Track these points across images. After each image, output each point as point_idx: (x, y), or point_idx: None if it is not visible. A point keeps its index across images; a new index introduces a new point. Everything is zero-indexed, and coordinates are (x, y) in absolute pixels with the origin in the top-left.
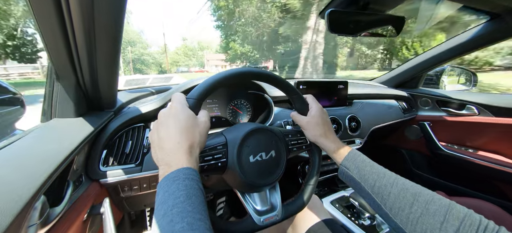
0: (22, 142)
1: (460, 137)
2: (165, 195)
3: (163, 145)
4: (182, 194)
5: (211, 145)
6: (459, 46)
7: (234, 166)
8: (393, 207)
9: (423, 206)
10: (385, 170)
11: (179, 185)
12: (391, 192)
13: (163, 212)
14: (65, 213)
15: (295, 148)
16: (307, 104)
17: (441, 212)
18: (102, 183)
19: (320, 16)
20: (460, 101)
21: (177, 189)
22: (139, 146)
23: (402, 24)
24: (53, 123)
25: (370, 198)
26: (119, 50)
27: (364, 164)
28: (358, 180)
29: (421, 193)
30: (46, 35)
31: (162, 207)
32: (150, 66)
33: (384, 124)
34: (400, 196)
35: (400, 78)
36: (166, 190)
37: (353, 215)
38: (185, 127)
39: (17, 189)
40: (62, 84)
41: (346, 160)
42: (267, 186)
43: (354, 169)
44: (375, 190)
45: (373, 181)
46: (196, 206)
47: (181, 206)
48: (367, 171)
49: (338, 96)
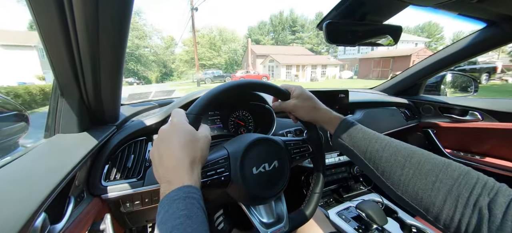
0: (25, 158)
1: (465, 143)
2: (165, 215)
3: (164, 162)
4: (182, 214)
5: (213, 159)
6: (457, 53)
7: (238, 179)
8: (385, 171)
9: (415, 167)
10: (378, 135)
11: (179, 205)
12: (383, 156)
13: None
14: (66, 230)
15: (298, 157)
16: (286, 91)
17: (434, 171)
18: (103, 198)
19: (318, 27)
20: (462, 107)
21: (177, 209)
22: (141, 160)
23: (400, 33)
24: (56, 139)
25: (363, 165)
26: (122, 66)
27: (356, 131)
28: (350, 147)
29: (413, 154)
30: (52, 51)
31: (162, 227)
32: (150, 66)
33: (387, 132)
34: (391, 159)
35: (400, 86)
36: (167, 210)
37: (360, 227)
38: (186, 143)
39: (17, 207)
40: (66, 99)
41: (338, 128)
42: (272, 198)
43: (346, 137)
44: (367, 156)
45: (365, 147)
46: (196, 228)
47: (181, 228)
48: (359, 138)
49: (339, 105)
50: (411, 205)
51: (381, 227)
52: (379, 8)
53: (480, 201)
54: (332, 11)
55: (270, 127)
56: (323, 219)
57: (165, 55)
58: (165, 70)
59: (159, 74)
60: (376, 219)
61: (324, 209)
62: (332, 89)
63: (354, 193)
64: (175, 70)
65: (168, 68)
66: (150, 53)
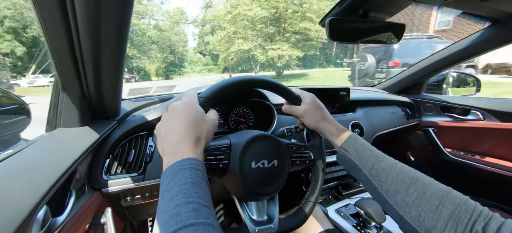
0: (26, 152)
1: (466, 143)
2: (170, 183)
3: (170, 136)
4: (188, 181)
5: (215, 145)
6: (461, 52)
7: (235, 170)
8: (389, 190)
9: (420, 190)
10: (384, 155)
11: (185, 174)
12: (389, 175)
13: (169, 198)
14: (67, 223)
15: (299, 162)
16: (299, 96)
17: (437, 196)
18: (104, 192)
19: (320, 24)
20: (464, 106)
21: (183, 177)
22: (142, 155)
23: (403, 30)
24: (57, 132)
25: (366, 181)
26: (123, 61)
27: (363, 148)
28: (356, 163)
29: (419, 178)
30: (54, 46)
31: (167, 193)
32: (149, 50)
33: (388, 130)
34: (397, 179)
35: (402, 84)
36: (172, 179)
37: (359, 224)
38: (193, 121)
39: (19, 200)
40: (68, 94)
41: (346, 143)
42: (266, 196)
43: (353, 152)
44: (373, 173)
45: (371, 164)
46: (202, 194)
47: (187, 193)
48: (366, 154)
49: (340, 102)
50: (412, 226)
51: (380, 224)
52: (383, 5)
53: (476, 226)
54: (335, 7)
55: (271, 124)
56: (321, 216)
57: (173, 34)
58: (173, 58)
59: (163, 65)
60: (374, 216)
61: (323, 206)
62: (333, 87)
63: (353, 190)
64: (189, 60)
65: (177, 54)
66: (150, 28)
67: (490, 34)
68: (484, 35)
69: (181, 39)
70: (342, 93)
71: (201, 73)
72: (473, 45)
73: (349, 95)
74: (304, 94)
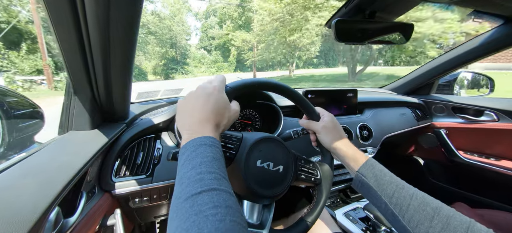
0: (39, 154)
1: (480, 145)
2: (192, 154)
3: (194, 113)
4: (209, 155)
5: (228, 134)
6: (472, 51)
7: (240, 163)
8: (411, 220)
9: (444, 221)
10: (403, 182)
11: (206, 149)
12: (411, 204)
13: (191, 167)
14: (78, 224)
15: (304, 176)
16: (318, 113)
17: (462, 228)
18: (113, 194)
19: (326, 25)
20: (477, 107)
21: (204, 151)
22: (150, 157)
23: (411, 31)
24: (69, 135)
25: (386, 209)
26: (132, 65)
27: (382, 173)
28: (375, 189)
29: (442, 208)
30: (66, 52)
31: (189, 163)
32: (144, 43)
33: (397, 132)
34: (420, 209)
35: (411, 85)
36: (193, 151)
37: (368, 228)
38: (219, 107)
39: (33, 200)
40: (79, 97)
41: (363, 167)
42: (263, 200)
43: (371, 177)
44: (394, 201)
45: (392, 192)
46: (222, 169)
47: (209, 164)
48: (385, 181)
49: (347, 104)
50: None
51: (390, 229)
52: (390, 5)
53: None
54: (341, 8)
55: (277, 126)
56: (329, 220)
57: (174, 23)
58: (174, 54)
59: (161, 62)
60: (384, 221)
61: (331, 210)
62: (340, 89)
63: None
64: (192, 56)
65: (178, 49)
66: (146, 13)
67: (502, 33)
68: (496, 34)
69: (183, 30)
70: (349, 95)
71: (208, 71)
72: (484, 44)
73: (356, 96)
74: (324, 112)
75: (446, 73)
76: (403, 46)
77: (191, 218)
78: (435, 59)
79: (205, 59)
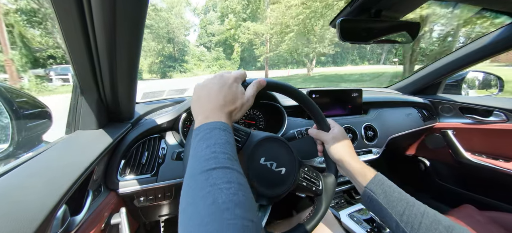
0: (47, 153)
1: (488, 146)
2: (206, 135)
3: (210, 98)
4: (222, 138)
5: (237, 127)
6: (480, 50)
7: (244, 156)
8: None
9: None
10: (413, 199)
11: (220, 133)
12: (422, 222)
13: (206, 146)
14: (84, 222)
15: (305, 183)
16: (329, 124)
17: None
18: (119, 193)
19: (331, 25)
20: (486, 107)
21: (218, 134)
22: (155, 157)
23: (418, 29)
24: (76, 135)
25: (397, 227)
26: (137, 66)
27: (391, 190)
28: (385, 206)
29: (454, 227)
30: (74, 53)
31: (203, 142)
32: None
33: (403, 133)
34: (432, 228)
35: (417, 85)
36: (208, 132)
37: (373, 230)
38: (234, 98)
39: (41, 198)
40: (86, 98)
41: (372, 183)
42: (261, 199)
43: (380, 194)
44: (404, 219)
45: (402, 209)
46: (234, 152)
47: (222, 146)
48: (395, 197)
49: (352, 104)
50: None
51: None
52: (397, 3)
53: None
54: (346, 8)
55: (281, 126)
56: (333, 221)
57: (172, 15)
58: (172, 50)
59: (158, 59)
60: None
61: (335, 210)
62: (345, 88)
63: None
64: (191, 53)
65: (177, 45)
66: None
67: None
68: (505, 32)
69: (181, 24)
70: (354, 95)
71: (209, 69)
72: (493, 44)
73: (361, 96)
74: (334, 124)
75: (454, 72)
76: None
77: (206, 188)
78: (442, 58)
79: (205, 57)
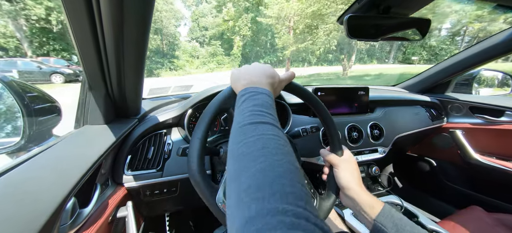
0: (57, 147)
1: (500, 147)
2: (253, 96)
3: (253, 71)
4: (268, 101)
5: None
6: (492, 48)
7: None
8: None
9: None
10: (424, 231)
11: (265, 97)
12: None
13: (253, 104)
14: (92, 214)
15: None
16: (342, 147)
17: None
18: (126, 186)
19: (338, 22)
20: (497, 107)
21: (263, 97)
22: (161, 152)
23: (428, 26)
24: (85, 129)
25: None
26: (144, 63)
27: (402, 223)
28: None
29: None
30: (83, 50)
31: (251, 101)
32: None
33: (410, 132)
34: None
35: (426, 83)
36: (254, 94)
37: None
38: (274, 74)
39: (51, 191)
40: (94, 94)
41: (381, 216)
42: None
43: (391, 227)
44: None
45: None
46: (277, 117)
47: (268, 107)
48: (406, 231)
49: (358, 102)
50: None
51: None
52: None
53: None
54: (354, 4)
55: (286, 123)
56: (337, 219)
57: (160, 2)
58: (160, 44)
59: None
60: None
61: (339, 209)
62: (351, 86)
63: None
64: (182, 49)
65: (165, 37)
66: None
67: None
68: None
69: (171, 14)
70: (360, 93)
71: (205, 66)
72: (506, 42)
73: (368, 94)
74: (346, 150)
75: (465, 71)
76: None
77: (256, 136)
78: (452, 56)
79: (199, 52)
